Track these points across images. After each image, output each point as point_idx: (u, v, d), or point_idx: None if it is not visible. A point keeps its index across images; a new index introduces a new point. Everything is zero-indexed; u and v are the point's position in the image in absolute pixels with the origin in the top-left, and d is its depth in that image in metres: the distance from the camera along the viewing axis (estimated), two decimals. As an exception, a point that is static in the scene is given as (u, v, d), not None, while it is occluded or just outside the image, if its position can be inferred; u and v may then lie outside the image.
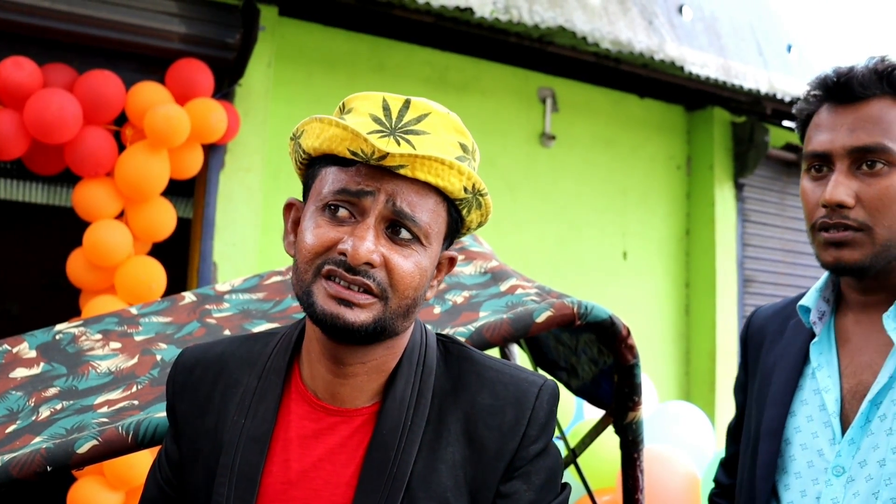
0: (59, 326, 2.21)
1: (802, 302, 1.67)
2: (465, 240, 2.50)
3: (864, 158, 1.51)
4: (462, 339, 1.55)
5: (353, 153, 1.24)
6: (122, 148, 4.26)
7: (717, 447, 3.73)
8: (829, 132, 1.55)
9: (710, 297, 6.72)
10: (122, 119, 4.31)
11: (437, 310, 2.05)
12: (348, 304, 1.23)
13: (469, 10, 4.90)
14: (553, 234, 6.21)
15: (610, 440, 2.56)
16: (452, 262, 1.40)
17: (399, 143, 1.25)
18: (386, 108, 1.28)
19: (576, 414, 3.94)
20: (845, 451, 1.53)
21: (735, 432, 1.90)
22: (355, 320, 1.23)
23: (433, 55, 5.77)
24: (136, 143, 4.22)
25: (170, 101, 4.25)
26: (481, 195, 1.32)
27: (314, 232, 1.26)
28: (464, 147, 1.32)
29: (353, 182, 1.25)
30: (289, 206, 1.39)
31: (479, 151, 1.38)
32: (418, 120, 1.28)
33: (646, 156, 6.75)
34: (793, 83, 6.45)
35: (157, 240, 4.40)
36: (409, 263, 1.26)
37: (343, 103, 1.34)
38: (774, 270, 7.07)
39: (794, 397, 1.65)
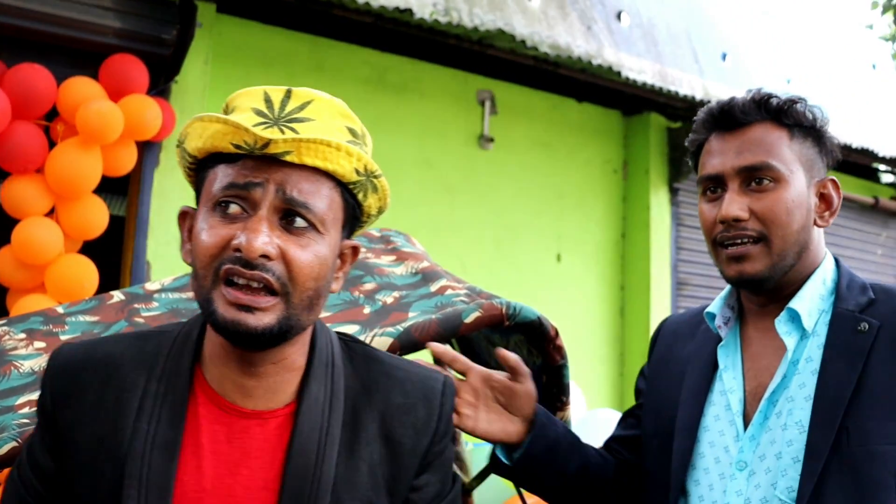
0: (-19, 325, 2.16)
1: (709, 309, 1.80)
2: (398, 240, 2.50)
3: (752, 176, 1.65)
4: (360, 338, 1.54)
5: (237, 146, 1.22)
6: (52, 144, 4.18)
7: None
8: (719, 156, 1.70)
9: (644, 299, 6.82)
10: (53, 114, 4.22)
11: (367, 310, 2.05)
12: (249, 309, 1.20)
13: (409, 12, 4.91)
14: (490, 236, 6.24)
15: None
16: (356, 251, 1.39)
17: (283, 132, 1.23)
18: (268, 101, 1.27)
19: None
20: (747, 447, 1.64)
21: (632, 415, 2.00)
22: (258, 325, 1.21)
23: (372, 55, 5.76)
24: (67, 139, 4.14)
25: (103, 97, 4.18)
26: (375, 177, 1.31)
27: (208, 232, 1.24)
28: (353, 132, 1.32)
29: (240, 176, 1.23)
30: (183, 215, 1.36)
31: (369, 136, 1.37)
32: (301, 108, 1.27)
33: (583, 159, 6.82)
34: (727, 91, 6.57)
35: (88, 238, 4.32)
36: (308, 254, 1.24)
37: (226, 103, 1.32)
38: (707, 273, 7.20)
39: (705, 399, 1.76)
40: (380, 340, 1.84)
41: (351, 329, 1.91)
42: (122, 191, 5.06)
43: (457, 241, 6.00)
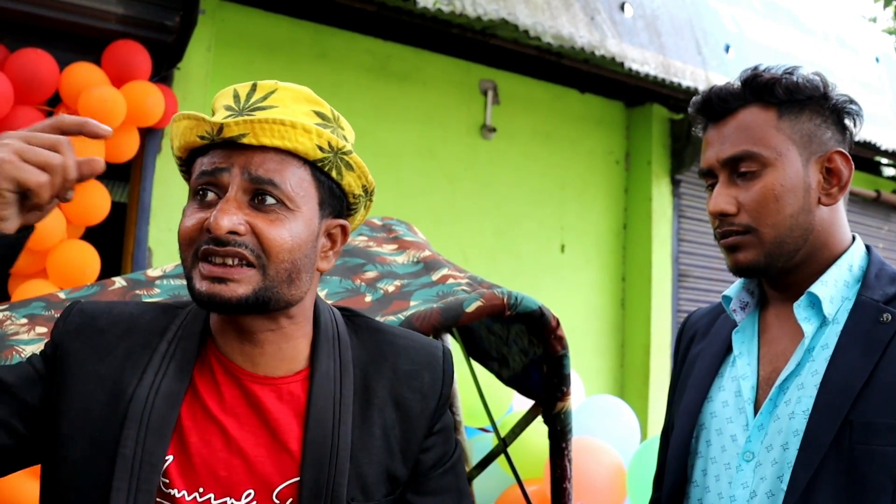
0: (-17, 310, 2.16)
1: (725, 292, 1.74)
2: (399, 228, 2.51)
3: (736, 168, 1.60)
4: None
5: (202, 137, 1.30)
6: (55, 129, 4.17)
7: (642, 439, 3.79)
8: (709, 149, 1.66)
9: (645, 290, 6.82)
10: (55, 100, 4.22)
11: (369, 298, 2.05)
12: (223, 280, 1.26)
13: (412, 0, 4.90)
14: (491, 225, 6.24)
15: (540, 434, 2.58)
16: (345, 231, 1.43)
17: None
18: (236, 96, 1.34)
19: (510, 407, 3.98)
20: (755, 437, 1.57)
21: (665, 440, 1.90)
22: (232, 295, 1.26)
23: (375, 44, 5.75)
24: (69, 124, 4.13)
25: (105, 83, 4.18)
26: (344, 153, 1.35)
27: (188, 218, 1.31)
28: (321, 115, 1.37)
29: (210, 164, 1.30)
30: None
31: (345, 120, 1.42)
32: (265, 97, 1.33)
33: (585, 150, 6.82)
34: (730, 82, 6.56)
35: (90, 224, 4.33)
36: (278, 229, 1.29)
37: (211, 106, 1.40)
38: (708, 266, 7.21)
39: (714, 383, 1.70)
40: (381, 329, 1.84)
41: (352, 317, 1.92)
42: (124, 177, 5.05)
43: (458, 231, 6.00)
